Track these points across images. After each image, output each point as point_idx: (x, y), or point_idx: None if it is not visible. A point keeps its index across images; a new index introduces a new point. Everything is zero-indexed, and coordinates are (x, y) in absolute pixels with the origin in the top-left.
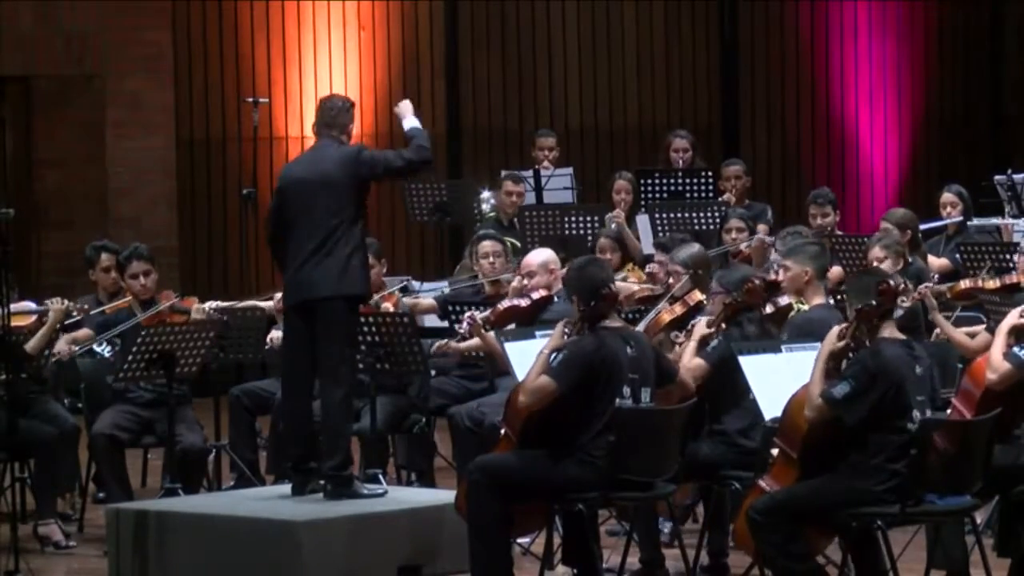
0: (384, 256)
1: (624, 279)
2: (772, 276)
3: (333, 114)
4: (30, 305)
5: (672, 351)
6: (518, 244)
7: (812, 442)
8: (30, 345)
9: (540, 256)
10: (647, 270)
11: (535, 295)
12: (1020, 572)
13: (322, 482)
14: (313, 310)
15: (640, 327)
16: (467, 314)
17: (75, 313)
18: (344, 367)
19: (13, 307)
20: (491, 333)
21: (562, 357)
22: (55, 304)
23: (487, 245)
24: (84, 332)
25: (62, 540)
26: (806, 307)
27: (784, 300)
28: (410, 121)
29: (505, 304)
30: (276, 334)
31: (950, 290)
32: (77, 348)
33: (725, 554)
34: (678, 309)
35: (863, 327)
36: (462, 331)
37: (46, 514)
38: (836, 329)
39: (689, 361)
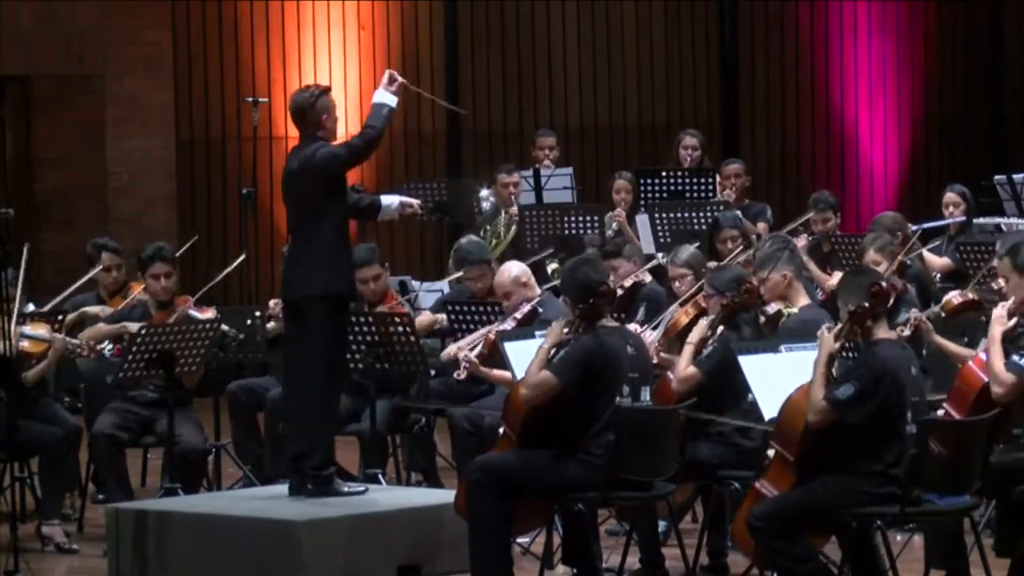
0: (384, 257)
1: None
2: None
3: (300, 113)
4: (43, 333)
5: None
6: (501, 234)
7: (809, 445)
8: (28, 375)
9: (508, 274)
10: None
11: (518, 314)
12: (1020, 572)
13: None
14: (298, 309)
15: (658, 333)
16: (461, 356)
17: (84, 352)
18: (321, 366)
19: (28, 331)
20: (490, 364)
21: (564, 353)
22: (58, 340)
23: (471, 271)
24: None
25: (65, 541)
26: (795, 310)
27: (772, 308)
28: (379, 95)
29: (494, 334)
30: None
31: (944, 308)
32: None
33: (724, 554)
34: (692, 310)
35: (856, 328)
36: (460, 376)
37: (50, 514)
38: (830, 334)
39: (684, 369)
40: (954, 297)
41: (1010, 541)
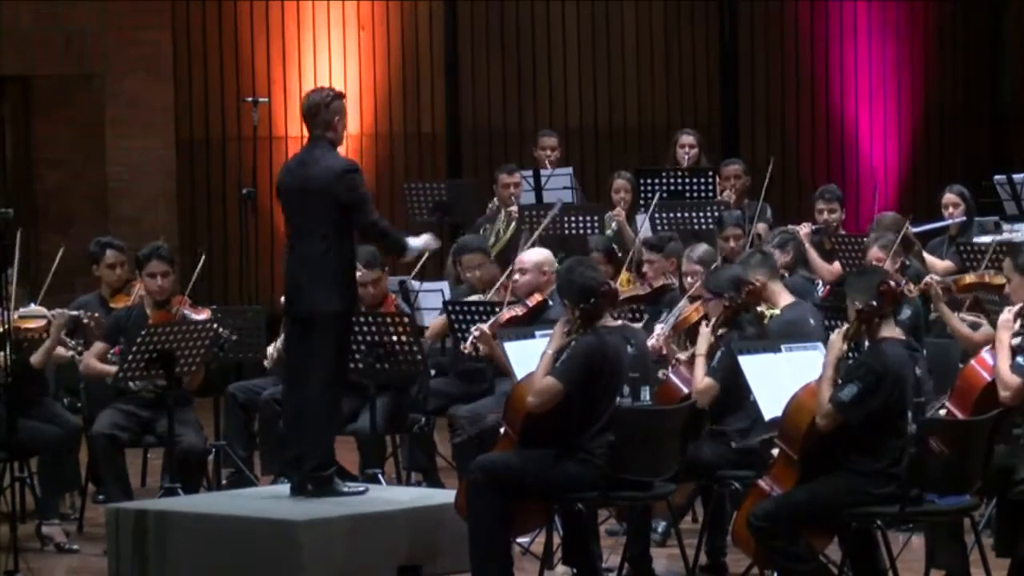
0: (383, 260)
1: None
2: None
3: (313, 111)
4: (41, 309)
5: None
6: (500, 232)
7: (812, 443)
8: (35, 359)
9: (535, 256)
10: (643, 269)
11: (530, 302)
12: (1020, 572)
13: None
14: (302, 316)
15: (667, 327)
16: (474, 328)
17: (85, 320)
18: (327, 372)
19: (23, 311)
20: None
21: (565, 357)
22: (59, 315)
23: (470, 259)
24: (100, 347)
25: (65, 541)
26: (777, 311)
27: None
28: (412, 243)
29: (505, 315)
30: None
31: (956, 283)
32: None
33: (724, 554)
34: (703, 307)
35: (863, 328)
36: (468, 349)
37: (49, 514)
38: (838, 335)
39: (701, 382)
40: (968, 275)
41: (1010, 541)
